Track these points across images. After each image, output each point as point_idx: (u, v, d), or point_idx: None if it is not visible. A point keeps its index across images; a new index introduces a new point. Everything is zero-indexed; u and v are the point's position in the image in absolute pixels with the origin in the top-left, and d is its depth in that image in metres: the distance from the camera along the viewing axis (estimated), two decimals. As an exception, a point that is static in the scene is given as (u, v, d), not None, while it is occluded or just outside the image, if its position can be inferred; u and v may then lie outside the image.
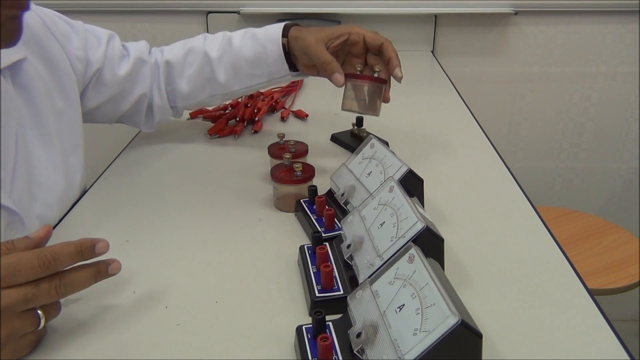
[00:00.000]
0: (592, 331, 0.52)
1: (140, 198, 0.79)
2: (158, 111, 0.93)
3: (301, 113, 1.07)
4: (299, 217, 0.71)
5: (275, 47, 0.84)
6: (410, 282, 0.45)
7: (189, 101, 0.93)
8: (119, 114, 0.91)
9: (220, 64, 0.88)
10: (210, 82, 0.90)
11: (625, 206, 1.78)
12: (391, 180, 0.60)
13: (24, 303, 0.46)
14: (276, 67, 0.86)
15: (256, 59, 0.86)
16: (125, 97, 0.89)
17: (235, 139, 0.98)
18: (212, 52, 0.88)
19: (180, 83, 0.91)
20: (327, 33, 0.81)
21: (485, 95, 1.65)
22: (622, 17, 1.54)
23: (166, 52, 0.92)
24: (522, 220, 0.71)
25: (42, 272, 0.47)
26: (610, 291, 1.17)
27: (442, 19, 1.56)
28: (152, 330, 0.53)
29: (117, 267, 0.53)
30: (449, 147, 0.93)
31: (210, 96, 0.91)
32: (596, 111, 1.66)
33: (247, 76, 0.88)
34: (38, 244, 0.52)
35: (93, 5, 1.53)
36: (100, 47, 0.84)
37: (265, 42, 0.84)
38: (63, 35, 0.78)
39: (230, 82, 0.89)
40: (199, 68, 0.89)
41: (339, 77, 0.78)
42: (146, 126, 0.95)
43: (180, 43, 0.92)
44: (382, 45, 0.80)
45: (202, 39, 0.91)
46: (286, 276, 0.60)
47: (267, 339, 0.52)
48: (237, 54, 0.86)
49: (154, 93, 0.92)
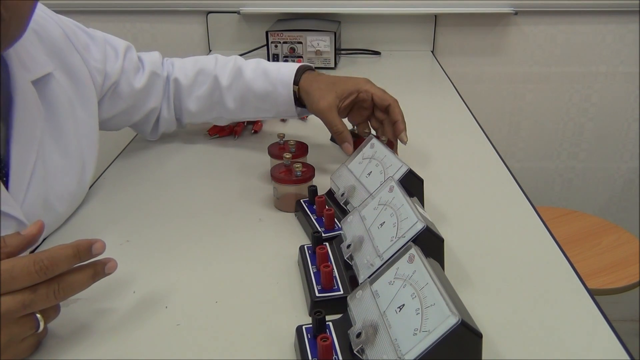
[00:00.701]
0: (592, 331, 0.52)
1: (141, 198, 0.79)
2: (164, 123, 0.94)
3: None
4: (299, 217, 0.71)
5: (286, 91, 0.86)
6: (410, 282, 0.45)
7: (195, 119, 0.95)
8: (129, 124, 0.92)
9: (230, 92, 0.89)
10: (218, 106, 0.91)
11: (625, 206, 1.78)
12: (391, 180, 0.60)
13: (22, 309, 0.46)
14: (284, 108, 0.88)
15: (266, 96, 0.88)
16: (137, 110, 0.89)
17: (235, 138, 0.98)
18: (222, 79, 0.89)
19: (189, 102, 0.92)
20: (338, 93, 0.82)
21: (485, 95, 1.65)
22: (622, 17, 1.54)
23: (177, 68, 0.93)
24: (522, 220, 0.71)
25: (39, 278, 0.47)
26: (610, 291, 1.17)
27: (442, 19, 1.56)
28: (152, 330, 0.53)
29: (114, 266, 0.52)
30: (449, 147, 0.94)
31: (216, 117, 0.94)
32: (596, 111, 1.66)
33: (254, 109, 0.90)
34: (30, 240, 0.51)
35: (93, 5, 1.53)
36: (117, 60, 0.84)
37: (276, 82, 0.86)
38: (83, 47, 0.78)
39: (237, 110, 0.91)
40: (209, 91, 0.90)
41: (349, 147, 0.81)
42: (151, 135, 0.96)
43: (191, 61, 0.93)
44: (389, 106, 0.82)
45: (214, 61, 0.92)
46: (286, 276, 0.60)
47: (267, 339, 0.52)
48: (248, 86, 0.88)
49: (163, 106, 0.93)
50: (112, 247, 0.66)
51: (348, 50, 1.54)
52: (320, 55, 1.38)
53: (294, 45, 1.38)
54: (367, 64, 1.47)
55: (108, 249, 0.53)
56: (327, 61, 1.39)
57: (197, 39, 1.60)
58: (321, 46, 1.38)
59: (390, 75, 1.37)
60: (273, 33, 1.39)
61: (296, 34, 1.38)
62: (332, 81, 0.84)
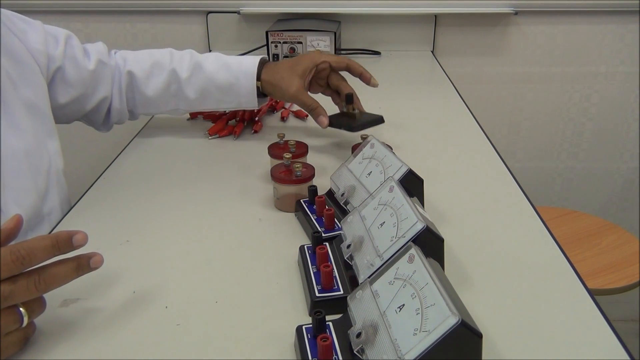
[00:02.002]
0: (592, 331, 0.52)
1: (140, 198, 0.79)
2: (116, 114, 0.95)
3: (301, 113, 1.07)
4: (299, 217, 0.71)
5: (249, 83, 0.91)
6: (410, 282, 0.45)
7: (150, 110, 0.97)
8: (81, 114, 0.93)
9: (189, 84, 0.93)
10: (176, 98, 0.94)
11: (625, 206, 1.78)
12: (391, 180, 0.60)
13: (2, 301, 0.46)
14: (246, 99, 0.93)
15: (228, 88, 0.92)
16: (88, 98, 0.90)
17: (235, 138, 0.98)
18: (181, 72, 0.92)
19: (144, 93, 0.94)
20: (300, 74, 0.90)
21: (485, 95, 1.65)
22: (622, 17, 1.54)
23: (130, 61, 0.94)
24: (522, 220, 0.71)
25: (16, 268, 0.46)
26: (610, 291, 1.17)
27: (442, 19, 1.56)
28: (152, 330, 0.53)
29: (99, 260, 0.51)
30: (449, 147, 0.94)
31: (173, 109, 0.96)
32: (596, 111, 1.66)
33: (216, 100, 0.94)
34: (9, 235, 0.51)
35: (93, 5, 1.53)
36: (58, 45, 0.85)
37: (238, 74, 0.91)
38: (21, 31, 0.79)
39: (198, 102, 0.94)
40: (166, 83, 0.93)
41: (324, 120, 0.89)
42: (103, 127, 0.98)
43: (145, 54, 0.95)
44: (347, 65, 0.92)
45: (169, 54, 0.94)
46: (286, 276, 0.60)
47: (267, 339, 0.52)
48: (209, 79, 0.92)
49: (114, 96, 0.94)
50: (112, 247, 0.66)
51: (348, 50, 1.54)
52: (320, 55, 1.38)
53: (294, 45, 1.38)
54: (367, 64, 1.46)
55: (108, 249, 0.53)
56: (327, 61, 1.39)
57: (197, 39, 1.60)
58: (321, 46, 1.38)
59: (390, 75, 1.37)
60: (273, 33, 1.39)
61: (296, 34, 1.38)
62: (289, 66, 0.91)
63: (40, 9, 0.93)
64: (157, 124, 1.06)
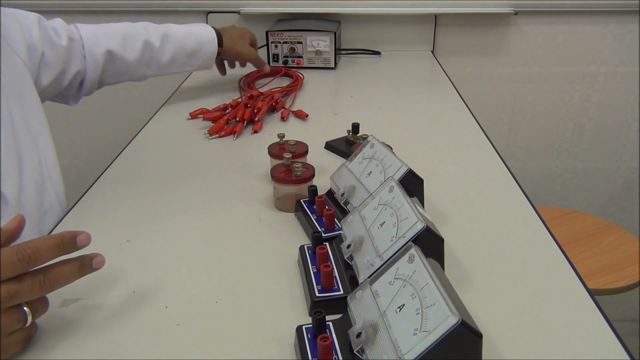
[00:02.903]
0: (592, 331, 0.52)
1: (141, 198, 0.79)
2: (88, 86, 1.01)
3: (301, 113, 1.07)
4: (299, 217, 0.71)
5: (212, 48, 1.13)
6: (410, 282, 0.45)
7: (120, 79, 1.06)
8: (58, 91, 0.96)
9: (162, 52, 1.07)
10: (147, 65, 1.06)
11: (625, 206, 1.78)
12: (391, 180, 0.60)
13: (8, 300, 0.46)
14: (208, 62, 1.14)
15: (193, 54, 1.11)
16: (64, 74, 0.94)
17: (235, 138, 0.98)
18: (154, 41, 1.05)
19: (122, 64, 1.02)
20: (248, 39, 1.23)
21: (485, 95, 1.65)
22: (622, 17, 1.54)
23: (101, 37, 0.99)
24: (522, 220, 0.71)
25: (22, 267, 0.46)
26: (610, 291, 1.17)
27: (442, 19, 1.56)
28: (152, 330, 0.53)
29: (101, 260, 0.52)
30: (449, 147, 0.94)
31: (140, 76, 1.08)
32: (596, 111, 1.66)
33: (181, 64, 1.11)
34: (12, 234, 0.51)
35: (93, 5, 1.53)
36: (33, 30, 0.86)
37: (203, 41, 1.11)
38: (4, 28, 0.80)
39: (167, 67, 1.09)
40: (140, 53, 1.04)
41: (267, 66, 1.28)
42: (73, 101, 1.03)
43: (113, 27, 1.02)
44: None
45: (137, 27, 1.05)
46: (286, 276, 0.60)
47: (267, 339, 0.52)
48: (180, 45, 1.08)
49: (89, 70, 0.99)
50: (112, 247, 0.66)
51: (348, 50, 1.54)
52: (320, 55, 1.38)
53: (294, 45, 1.38)
54: (367, 64, 1.47)
55: (108, 249, 0.53)
56: (327, 61, 1.39)
57: (197, 39, 1.60)
58: (321, 46, 1.38)
59: (390, 75, 1.37)
60: (273, 33, 1.39)
61: (296, 34, 1.38)
62: (238, 34, 1.20)
63: (39, 8, 0.93)
64: (157, 124, 1.06)
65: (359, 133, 0.92)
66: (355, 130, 0.91)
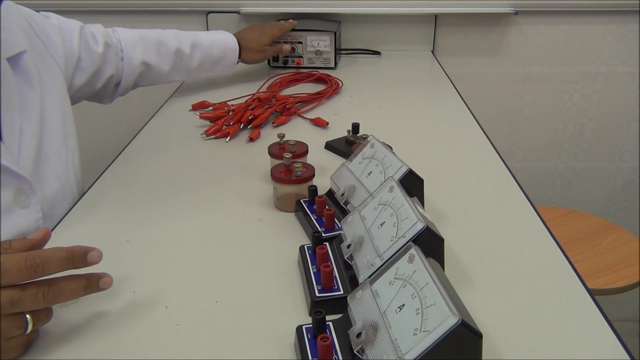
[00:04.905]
0: (592, 331, 0.52)
1: (140, 198, 0.79)
2: (123, 88, 1.07)
3: (320, 121, 1.03)
4: (299, 217, 0.71)
5: (234, 56, 1.22)
6: (410, 282, 0.45)
7: (153, 82, 1.14)
8: (92, 92, 1.01)
9: (191, 59, 1.15)
10: (177, 71, 1.14)
11: (625, 206, 1.78)
12: (391, 180, 0.60)
13: (10, 305, 0.46)
14: (229, 69, 1.23)
15: (218, 61, 1.20)
16: (98, 78, 0.99)
17: (227, 141, 0.97)
18: (185, 49, 1.12)
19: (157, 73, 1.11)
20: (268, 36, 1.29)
21: (485, 95, 1.65)
22: (622, 17, 1.53)
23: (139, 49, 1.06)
24: (522, 220, 0.71)
25: (29, 275, 0.46)
26: (610, 291, 1.17)
27: (442, 19, 1.56)
28: (152, 330, 0.53)
29: (109, 281, 0.52)
30: (449, 147, 0.94)
31: (172, 80, 1.16)
32: (596, 111, 1.66)
33: (206, 70, 1.19)
34: (34, 245, 0.51)
35: (93, 5, 1.53)
36: (74, 38, 0.91)
37: (226, 50, 1.20)
38: (44, 34, 0.84)
39: (194, 72, 1.18)
40: (173, 60, 1.12)
41: (287, 46, 1.36)
42: (108, 100, 1.09)
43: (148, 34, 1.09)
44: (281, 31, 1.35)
45: (170, 35, 1.12)
46: (286, 276, 0.60)
47: (267, 339, 0.52)
48: (206, 54, 1.16)
49: (125, 74, 1.05)
50: (112, 247, 0.66)
51: (348, 50, 1.54)
52: (320, 55, 1.38)
53: (294, 45, 1.38)
54: (367, 64, 1.47)
55: (108, 249, 0.53)
56: (327, 61, 1.39)
57: (197, 39, 1.60)
58: (321, 46, 1.38)
59: (390, 75, 1.37)
60: (273, 33, 1.38)
61: (296, 34, 1.38)
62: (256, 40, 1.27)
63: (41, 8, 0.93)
64: (157, 125, 1.06)
65: (359, 133, 0.91)
66: (355, 130, 0.91)
